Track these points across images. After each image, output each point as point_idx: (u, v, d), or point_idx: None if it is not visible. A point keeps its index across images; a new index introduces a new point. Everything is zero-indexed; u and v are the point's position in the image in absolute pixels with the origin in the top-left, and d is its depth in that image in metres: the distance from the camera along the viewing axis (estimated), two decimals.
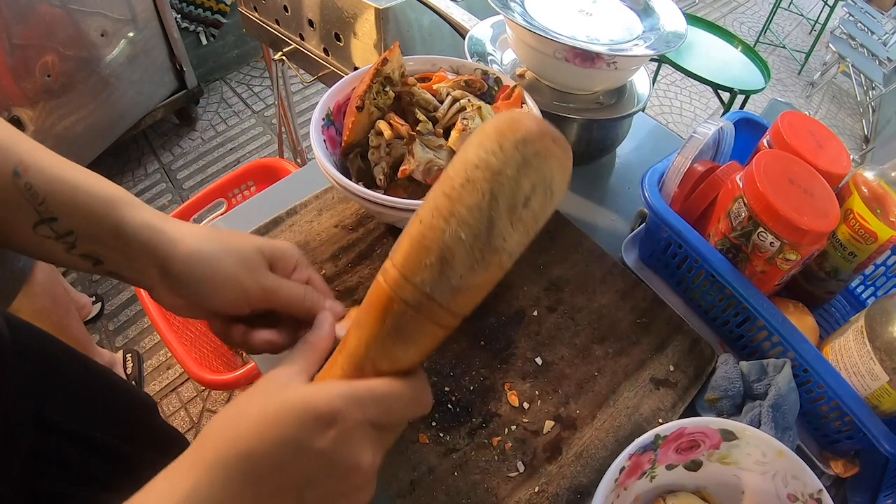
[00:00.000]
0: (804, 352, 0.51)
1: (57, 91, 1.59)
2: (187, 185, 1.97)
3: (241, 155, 2.07)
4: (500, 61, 0.75)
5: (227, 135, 2.14)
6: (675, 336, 0.58)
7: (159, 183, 1.98)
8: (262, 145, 2.11)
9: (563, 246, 0.62)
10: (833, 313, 0.69)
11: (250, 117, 2.21)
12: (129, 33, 1.76)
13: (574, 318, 0.56)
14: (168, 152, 2.08)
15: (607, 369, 0.54)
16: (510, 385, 0.52)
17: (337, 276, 0.57)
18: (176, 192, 1.95)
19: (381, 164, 0.54)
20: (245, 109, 2.24)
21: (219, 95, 2.29)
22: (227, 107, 2.25)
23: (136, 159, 2.05)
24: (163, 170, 2.02)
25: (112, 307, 1.67)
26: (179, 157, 2.07)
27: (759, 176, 0.51)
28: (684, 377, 0.55)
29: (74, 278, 1.70)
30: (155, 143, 2.10)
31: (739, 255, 0.54)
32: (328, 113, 0.57)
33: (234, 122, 2.19)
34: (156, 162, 2.05)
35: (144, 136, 2.10)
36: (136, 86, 1.84)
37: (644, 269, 0.64)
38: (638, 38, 0.66)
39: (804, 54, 3.08)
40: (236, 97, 2.29)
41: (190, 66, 1.98)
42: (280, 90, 1.38)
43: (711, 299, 0.59)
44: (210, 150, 2.09)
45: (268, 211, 0.62)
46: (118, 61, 1.75)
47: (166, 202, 1.92)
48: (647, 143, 0.83)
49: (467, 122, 0.49)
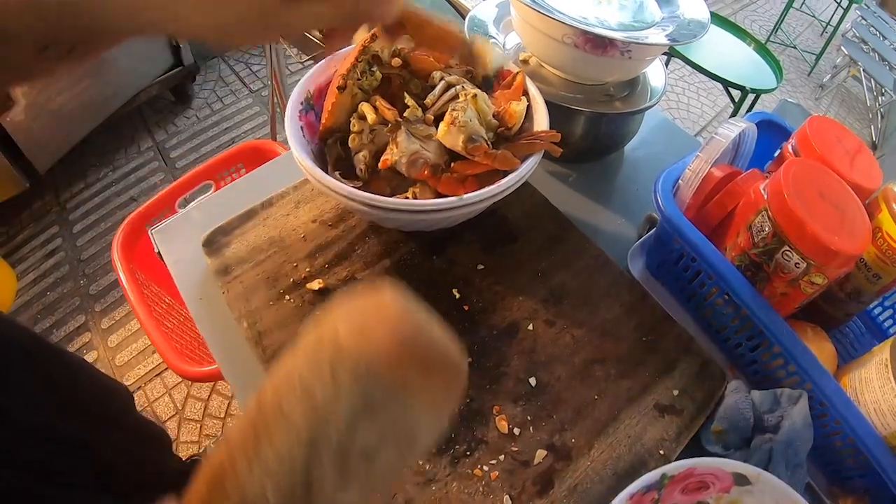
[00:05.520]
0: (824, 386, 0.46)
1: None
2: (180, 165, 1.91)
3: (236, 135, 2.01)
4: (503, 45, 0.69)
5: (223, 114, 2.08)
6: (683, 357, 0.52)
7: (152, 161, 1.93)
8: (257, 125, 2.05)
9: (565, 251, 0.56)
10: (848, 334, 0.63)
11: (247, 97, 2.14)
12: None
13: (574, 334, 0.51)
14: (162, 130, 2.02)
15: (608, 393, 0.49)
16: (500, 408, 0.47)
17: (312, 277, 0.51)
18: (168, 172, 1.90)
19: (362, 153, 0.49)
20: (242, 88, 2.17)
21: (216, 73, 2.22)
22: (224, 85, 2.17)
23: (129, 136, 1.99)
24: (156, 148, 1.96)
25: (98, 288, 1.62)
26: (174, 136, 2.00)
27: (788, 187, 0.45)
28: (691, 404, 0.50)
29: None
30: (150, 121, 2.04)
31: (760, 273, 0.48)
32: (307, 96, 0.52)
33: (230, 101, 2.12)
34: (149, 139, 1.99)
35: (139, 113, 2.04)
36: (130, 62, 1.78)
37: (651, 281, 0.59)
38: (656, 26, 0.60)
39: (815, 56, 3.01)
40: (234, 76, 2.21)
41: (186, 43, 1.91)
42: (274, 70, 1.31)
43: (724, 319, 0.53)
44: (205, 128, 2.03)
45: (248, 198, 0.57)
46: None
47: (158, 181, 1.86)
48: (659, 140, 0.77)
49: (457, 113, 0.43)
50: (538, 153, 0.47)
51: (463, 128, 0.43)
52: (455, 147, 0.45)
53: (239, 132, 2.01)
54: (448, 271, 0.53)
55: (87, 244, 1.72)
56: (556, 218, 0.59)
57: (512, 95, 0.53)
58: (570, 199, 0.65)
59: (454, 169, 0.46)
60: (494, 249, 0.55)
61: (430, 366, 0.20)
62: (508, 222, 0.57)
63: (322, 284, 0.50)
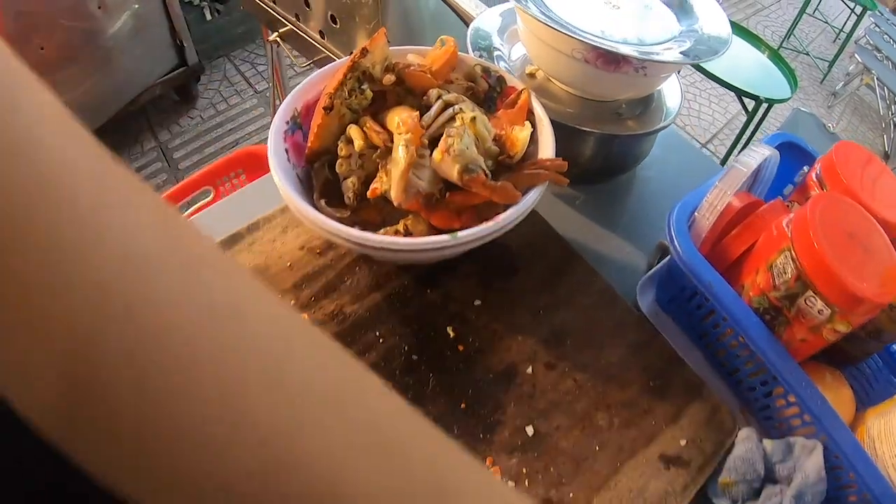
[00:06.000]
0: (841, 440, 0.42)
1: (52, 65, 1.51)
2: (183, 166, 1.89)
3: (240, 136, 1.98)
4: (508, 57, 0.65)
5: (228, 114, 2.05)
6: (692, 402, 0.48)
7: (155, 162, 1.91)
8: (262, 127, 2.02)
9: (569, 285, 0.52)
10: (864, 370, 0.59)
11: (252, 97, 2.11)
12: (127, 7, 1.67)
13: (576, 378, 0.47)
14: (166, 130, 2.00)
15: (611, 443, 0.45)
16: (493, 459, 0.43)
17: (299, 311, 0.48)
18: (171, 173, 1.88)
19: (350, 179, 0.45)
20: (247, 89, 2.14)
21: (221, 73, 2.19)
22: (229, 85, 2.15)
23: (133, 136, 1.97)
24: (160, 148, 1.94)
25: None
26: (177, 136, 1.98)
27: (815, 227, 0.41)
28: (699, 454, 0.46)
29: None
30: (153, 121, 2.02)
31: (779, 318, 0.44)
32: (294, 114, 0.48)
33: (235, 102, 2.10)
34: (153, 140, 1.97)
35: (143, 113, 2.02)
36: (134, 61, 1.76)
37: (661, 315, 0.55)
38: (673, 41, 0.55)
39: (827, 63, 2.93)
40: (239, 76, 2.19)
41: (191, 42, 1.88)
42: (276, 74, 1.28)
43: (738, 361, 0.50)
44: (209, 129, 2.01)
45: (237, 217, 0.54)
46: (116, 35, 1.67)
47: (161, 182, 1.84)
48: (673, 159, 0.72)
49: (452, 140, 0.39)
50: (542, 185, 0.43)
51: (458, 157, 0.39)
52: (450, 177, 0.41)
53: (243, 133, 1.99)
54: (443, 307, 0.49)
55: None
56: (561, 248, 0.55)
57: (516, 115, 0.50)
58: (577, 223, 0.61)
59: (449, 200, 0.43)
60: (493, 283, 0.51)
61: None
62: (509, 252, 0.53)
63: (307, 319, 0.47)
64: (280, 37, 1.10)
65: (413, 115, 0.42)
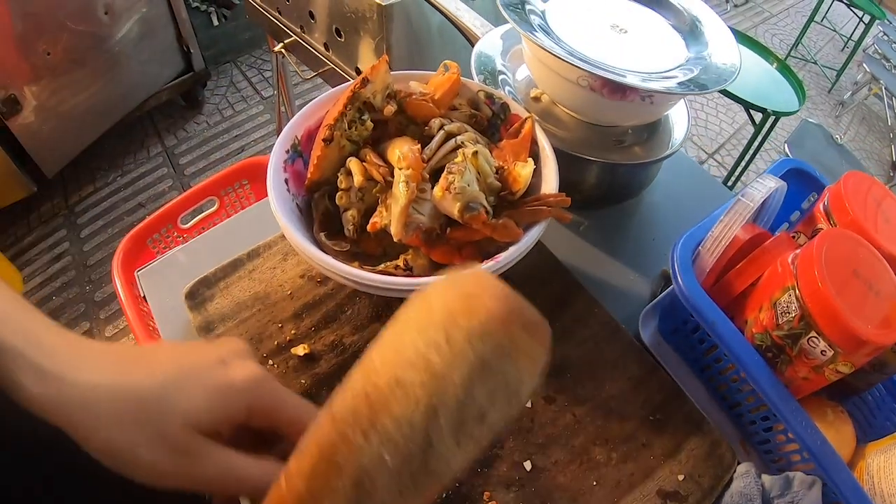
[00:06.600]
0: (840, 481, 0.42)
1: (59, 70, 1.53)
2: (189, 171, 1.90)
3: (245, 142, 1.99)
4: (513, 79, 0.65)
5: (234, 120, 2.06)
6: (692, 437, 0.48)
7: (161, 167, 1.91)
8: (268, 133, 2.03)
9: (571, 317, 0.52)
10: (867, 400, 0.58)
11: (258, 103, 2.12)
12: (134, 12, 1.68)
13: (575, 412, 0.47)
14: (172, 135, 2.01)
15: (608, 479, 0.45)
16: (490, 494, 0.43)
17: (297, 341, 0.48)
18: (177, 178, 1.88)
19: (350, 212, 0.45)
20: (254, 95, 2.15)
21: (228, 79, 2.20)
22: (235, 91, 2.16)
23: (139, 141, 1.98)
24: (165, 153, 1.95)
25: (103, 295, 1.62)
26: (183, 142, 1.99)
27: (820, 267, 0.40)
28: (697, 489, 0.46)
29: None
30: (160, 126, 2.03)
31: (781, 356, 0.44)
32: (295, 142, 0.48)
33: (241, 108, 2.10)
34: (159, 145, 1.98)
35: (150, 118, 2.03)
36: (140, 66, 1.77)
37: (663, 346, 0.54)
38: (680, 69, 0.55)
39: (835, 72, 2.90)
40: (246, 82, 2.19)
41: (198, 48, 1.89)
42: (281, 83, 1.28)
43: (739, 396, 0.49)
44: (215, 135, 2.01)
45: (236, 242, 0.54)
46: (122, 40, 1.68)
47: (166, 187, 1.85)
48: (680, 183, 0.72)
49: (454, 177, 0.39)
50: (544, 221, 0.43)
51: (460, 195, 0.39)
52: (451, 214, 0.41)
53: (249, 139, 1.99)
54: None
55: (94, 249, 1.71)
56: (563, 278, 0.54)
57: (519, 146, 0.49)
58: (580, 250, 0.61)
59: (450, 236, 0.42)
60: None
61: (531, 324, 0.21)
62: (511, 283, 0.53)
63: (307, 350, 0.47)
64: (285, 47, 1.10)
65: (414, 149, 0.42)
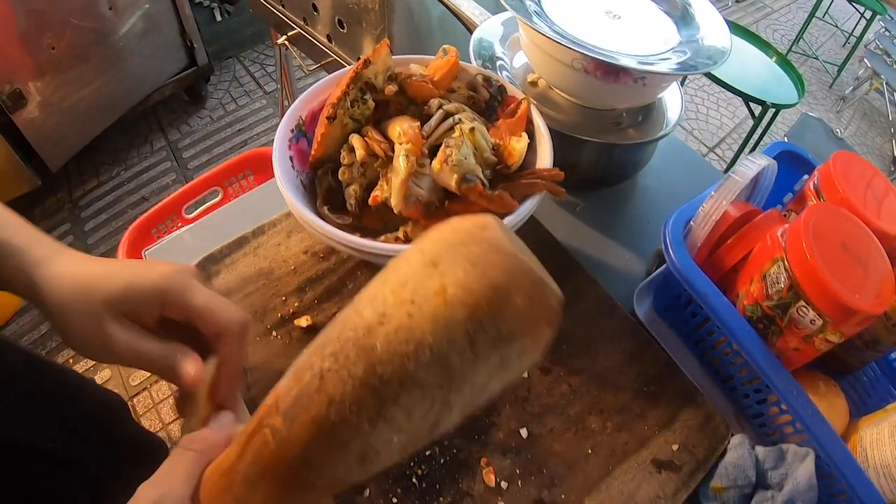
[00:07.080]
0: (832, 451, 0.43)
1: (63, 64, 1.54)
2: (192, 165, 1.92)
3: (248, 136, 2.00)
4: (511, 65, 0.66)
5: (237, 115, 2.07)
6: (685, 408, 0.49)
7: (164, 161, 1.93)
8: (271, 127, 2.04)
9: (567, 292, 0.52)
10: (861, 378, 0.60)
11: (261, 98, 2.13)
12: (138, 7, 1.70)
13: (571, 382, 0.48)
14: (176, 130, 2.02)
15: (603, 447, 0.46)
16: (487, 460, 0.44)
17: (300, 313, 0.49)
18: (180, 172, 1.90)
19: (352, 187, 0.46)
20: (257, 90, 2.16)
21: (231, 74, 2.21)
22: (238, 86, 2.17)
23: (143, 135, 1.99)
24: (169, 148, 1.97)
25: None
26: (187, 136, 2.01)
27: (808, 238, 0.41)
28: (691, 459, 0.47)
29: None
30: (163, 120, 2.05)
31: (772, 327, 0.45)
32: (299, 122, 0.49)
33: (244, 102, 2.12)
34: (163, 139, 1.99)
35: (154, 113, 2.05)
36: (144, 61, 1.78)
37: (657, 322, 0.56)
38: (673, 51, 0.56)
39: (836, 67, 2.90)
40: (249, 76, 2.21)
41: (201, 43, 1.90)
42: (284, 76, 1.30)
43: (732, 369, 0.50)
44: (218, 129, 2.03)
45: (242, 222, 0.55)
46: (126, 35, 1.69)
47: (170, 181, 1.86)
48: (674, 166, 0.73)
49: (451, 150, 0.40)
50: (539, 194, 0.44)
51: (456, 167, 0.40)
52: (448, 186, 0.42)
53: (252, 134, 2.01)
54: None
55: (98, 243, 1.73)
56: (560, 256, 0.56)
57: (515, 125, 0.51)
58: (576, 230, 0.62)
59: (448, 208, 0.44)
60: None
61: (551, 317, 0.21)
62: None
63: (310, 321, 0.48)
64: (288, 40, 1.11)
65: (414, 126, 0.43)
